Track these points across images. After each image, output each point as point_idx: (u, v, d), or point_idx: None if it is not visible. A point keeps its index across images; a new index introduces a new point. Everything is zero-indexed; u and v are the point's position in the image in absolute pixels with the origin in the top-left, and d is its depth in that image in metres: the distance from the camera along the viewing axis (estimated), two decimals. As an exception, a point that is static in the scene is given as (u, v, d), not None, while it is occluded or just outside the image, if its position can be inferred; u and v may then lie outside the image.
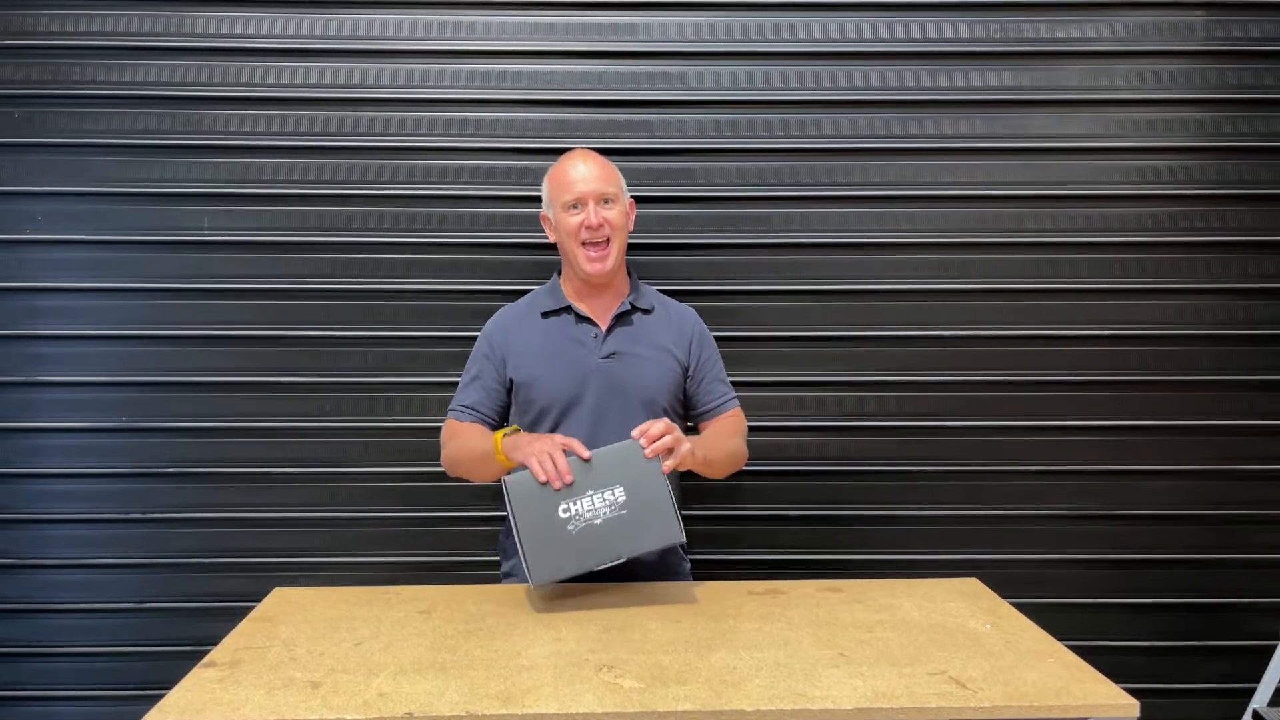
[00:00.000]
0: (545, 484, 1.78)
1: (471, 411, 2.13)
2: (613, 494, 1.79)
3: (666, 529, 1.79)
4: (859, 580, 2.04)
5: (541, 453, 1.81)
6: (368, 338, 2.64)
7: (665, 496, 1.80)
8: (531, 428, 2.08)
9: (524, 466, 1.85)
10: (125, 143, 2.57)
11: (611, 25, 2.60)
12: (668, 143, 2.62)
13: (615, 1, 2.59)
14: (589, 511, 1.78)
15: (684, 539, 1.82)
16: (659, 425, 1.82)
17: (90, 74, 2.56)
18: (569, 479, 1.78)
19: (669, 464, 1.80)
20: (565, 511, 1.78)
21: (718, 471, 2.07)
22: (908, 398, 2.68)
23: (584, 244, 2.07)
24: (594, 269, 2.07)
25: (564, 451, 1.82)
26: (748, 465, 2.14)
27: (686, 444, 1.85)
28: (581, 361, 2.09)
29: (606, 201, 2.08)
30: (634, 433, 1.82)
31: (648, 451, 1.80)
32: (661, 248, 2.63)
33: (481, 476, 2.06)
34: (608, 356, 2.10)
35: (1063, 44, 2.61)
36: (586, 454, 1.81)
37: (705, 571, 2.30)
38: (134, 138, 2.57)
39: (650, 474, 1.80)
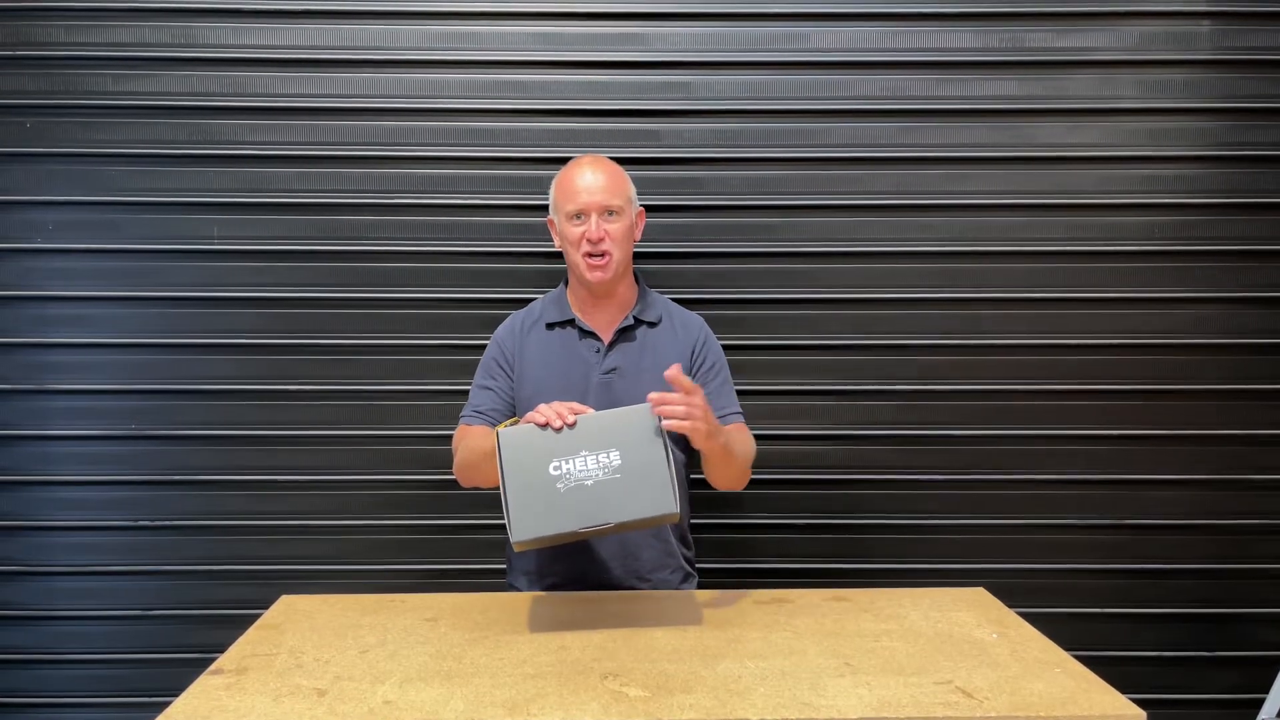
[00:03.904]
0: (539, 439, 1.72)
1: (482, 416, 2.09)
2: (608, 456, 1.71)
3: (659, 499, 1.70)
4: (866, 589, 2.03)
5: (546, 406, 1.76)
6: (376, 346, 2.65)
7: (662, 465, 1.72)
8: None
9: (525, 409, 1.81)
10: (136, 152, 2.59)
11: (619, 35, 2.61)
12: (674, 152, 2.63)
13: (622, 12, 2.60)
14: (581, 471, 1.71)
15: (677, 510, 1.72)
16: (678, 402, 1.73)
17: (101, 84, 2.58)
18: (570, 420, 1.72)
19: (671, 424, 1.72)
20: (556, 469, 1.71)
21: (730, 471, 1.99)
22: (914, 407, 2.68)
23: (586, 254, 2.04)
24: (594, 276, 2.04)
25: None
26: (754, 474, 2.13)
27: (704, 417, 1.76)
28: (582, 377, 2.07)
29: (611, 213, 2.04)
30: (651, 396, 1.74)
31: (656, 409, 1.72)
32: (668, 256, 2.64)
33: (491, 477, 1.96)
34: (608, 372, 2.08)
35: (1069, 53, 2.61)
36: (588, 411, 1.75)
37: (711, 580, 2.30)
38: (144, 147, 2.59)
39: (650, 441, 1.72)
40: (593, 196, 2.03)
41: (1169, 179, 2.64)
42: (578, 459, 1.72)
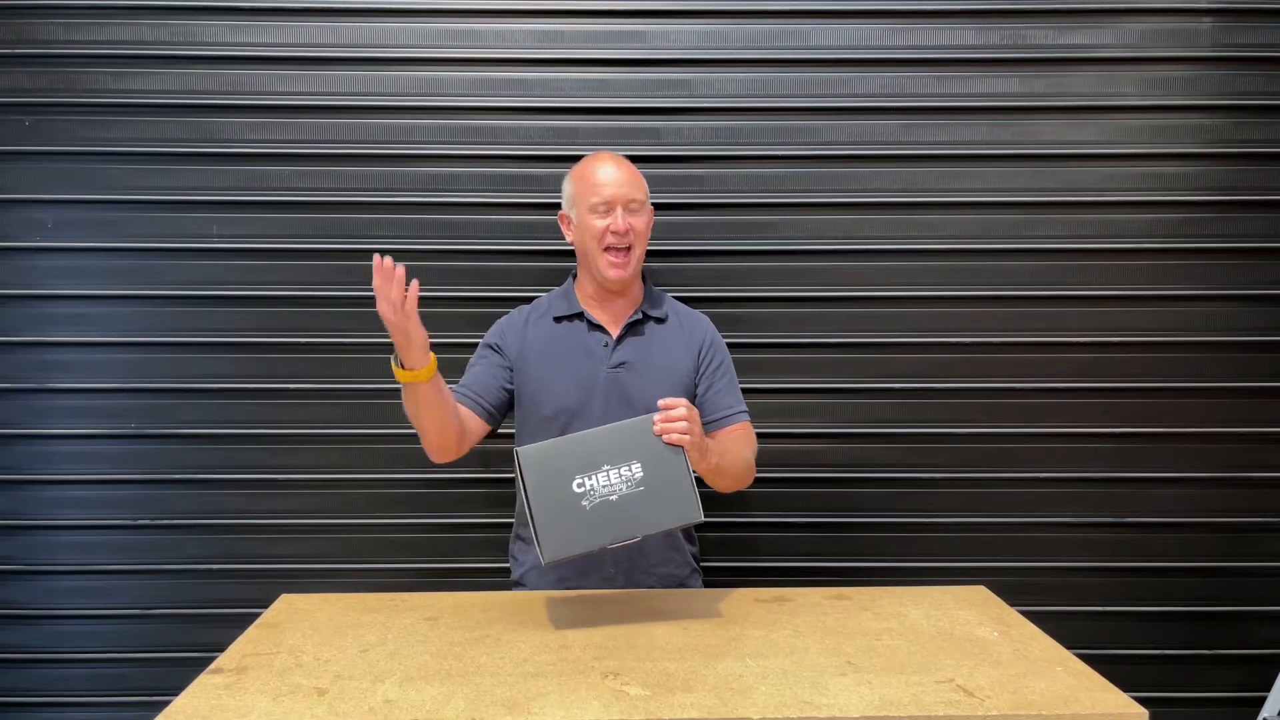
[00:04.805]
0: (559, 456, 1.73)
1: (460, 392, 2.07)
2: (630, 469, 1.73)
3: (685, 508, 1.75)
4: (866, 588, 2.03)
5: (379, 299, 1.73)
6: (377, 344, 2.64)
7: (685, 474, 1.75)
8: (537, 434, 2.04)
9: (536, 439, 1.84)
10: (135, 150, 2.59)
11: (619, 33, 2.60)
12: (675, 150, 2.62)
13: (623, 9, 2.59)
14: (605, 487, 1.72)
15: (702, 518, 1.76)
16: (682, 408, 1.76)
17: (100, 82, 2.57)
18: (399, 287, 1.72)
19: (671, 438, 1.74)
20: (580, 486, 1.72)
21: (725, 483, 2.02)
22: (916, 404, 2.68)
23: (607, 249, 2.05)
24: (615, 274, 2.05)
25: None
26: (757, 472, 2.13)
27: (698, 439, 1.79)
28: (590, 370, 2.08)
29: (634, 207, 2.07)
30: (660, 402, 1.77)
31: (657, 428, 1.74)
32: (669, 254, 2.63)
33: (428, 417, 1.91)
34: (617, 366, 2.08)
35: (1071, 50, 2.61)
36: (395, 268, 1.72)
37: (713, 579, 2.30)
38: (143, 145, 2.59)
39: (669, 449, 1.74)
40: (618, 189, 2.05)
41: (1171, 176, 2.64)
42: (600, 474, 1.73)
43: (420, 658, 1.64)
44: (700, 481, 2.04)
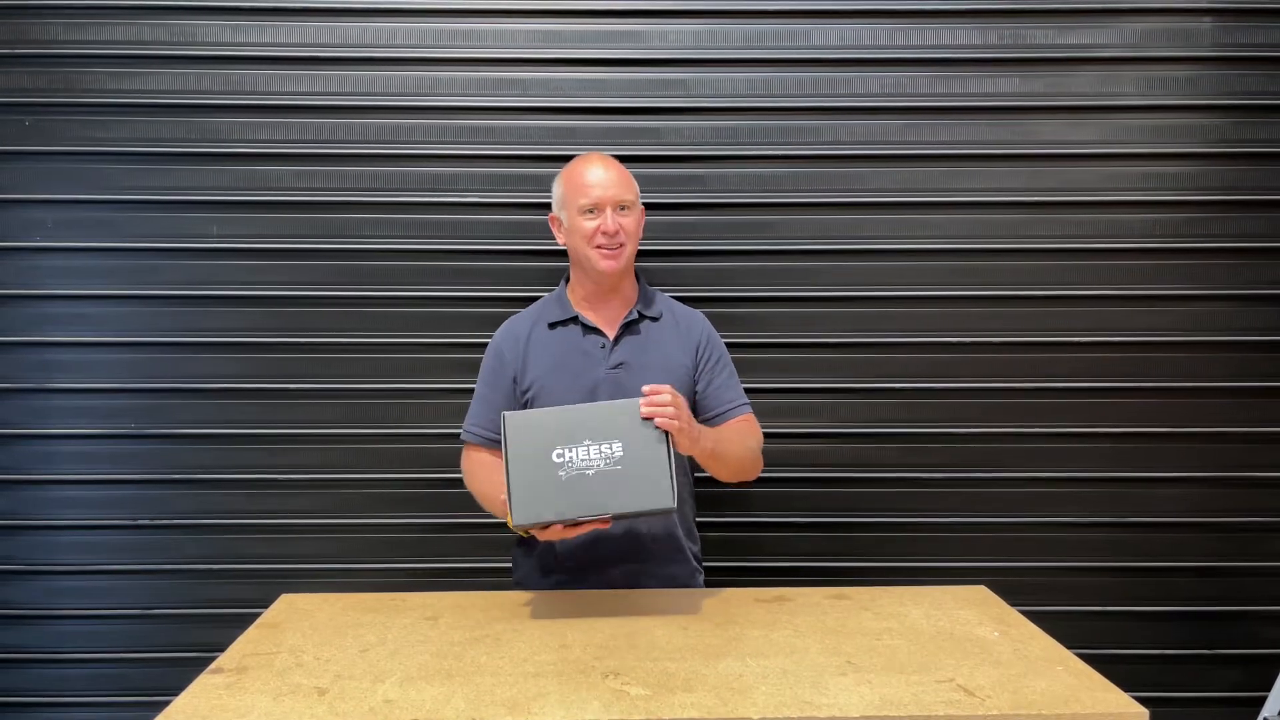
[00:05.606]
0: (544, 425, 1.77)
1: (481, 435, 2.12)
2: (610, 447, 1.75)
3: (657, 493, 1.76)
4: (867, 588, 2.03)
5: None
6: (375, 344, 2.64)
7: (663, 460, 1.76)
8: None
9: (527, 406, 2.03)
10: (134, 150, 2.59)
11: (618, 33, 2.60)
12: (675, 150, 2.62)
13: (622, 9, 2.59)
14: (583, 461, 1.75)
15: (674, 506, 1.77)
16: (666, 394, 1.77)
17: (99, 82, 2.57)
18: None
19: (660, 422, 1.75)
20: (559, 456, 1.75)
21: (726, 470, 2.04)
22: (916, 404, 2.68)
23: (599, 246, 2.05)
24: (607, 265, 2.05)
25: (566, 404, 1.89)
26: (763, 464, 2.14)
27: (687, 424, 1.80)
28: (589, 373, 2.08)
29: (623, 208, 2.07)
30: (644, 388, 1.78)
31: (643, 410, 1.76)
32: (669, 254, 2.63)
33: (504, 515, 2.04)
34: (615, 367, 2.09)
35: (1071, 50, 2.61)
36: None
37: (713, 579, 2.30)
38: (143, 145, 2.59)
39: (653, 435, 1.76)
40: (606, 191, 2.05)
41: (1171, 176, 2.64)
42: (580, 448, 1.76)
43: (420, 658, 1.64)
44: (704, 480, 2.05)
